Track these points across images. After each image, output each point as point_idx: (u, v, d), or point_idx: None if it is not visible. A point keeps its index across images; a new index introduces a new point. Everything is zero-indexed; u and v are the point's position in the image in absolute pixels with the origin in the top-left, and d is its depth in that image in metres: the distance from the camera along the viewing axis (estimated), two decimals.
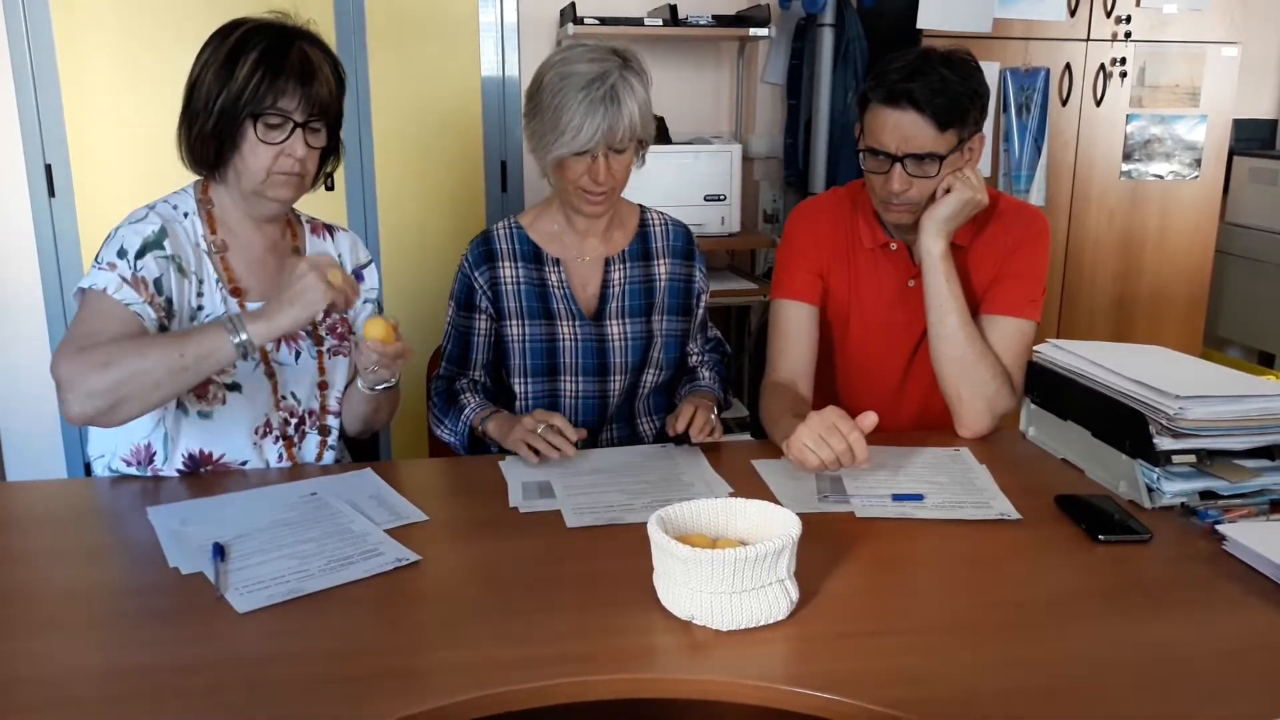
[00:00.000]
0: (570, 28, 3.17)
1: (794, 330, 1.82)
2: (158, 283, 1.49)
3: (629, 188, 1.77)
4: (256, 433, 1.61)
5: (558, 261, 1.81)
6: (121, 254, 1.48)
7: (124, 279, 1.46)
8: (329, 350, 1.68)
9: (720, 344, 1.96)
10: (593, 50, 1.66)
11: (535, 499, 1.48)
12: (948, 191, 1.68)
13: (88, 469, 1.66)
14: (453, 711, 0.98)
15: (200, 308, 1.55)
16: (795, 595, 1.14)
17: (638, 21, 3.22)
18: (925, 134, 1.63)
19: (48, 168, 3.13)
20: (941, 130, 1.63)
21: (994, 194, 1.81)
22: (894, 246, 1.81)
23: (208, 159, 1.52)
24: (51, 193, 3.15)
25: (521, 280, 1.80)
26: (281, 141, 1.48)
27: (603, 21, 3.19)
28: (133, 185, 3.23)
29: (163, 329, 1.50)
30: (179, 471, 1.57)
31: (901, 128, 1.63)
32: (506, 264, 1.80)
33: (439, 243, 3.39)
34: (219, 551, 1.26)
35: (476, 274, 1.80)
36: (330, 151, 1.59)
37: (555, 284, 1.80)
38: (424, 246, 3.39)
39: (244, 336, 1.37)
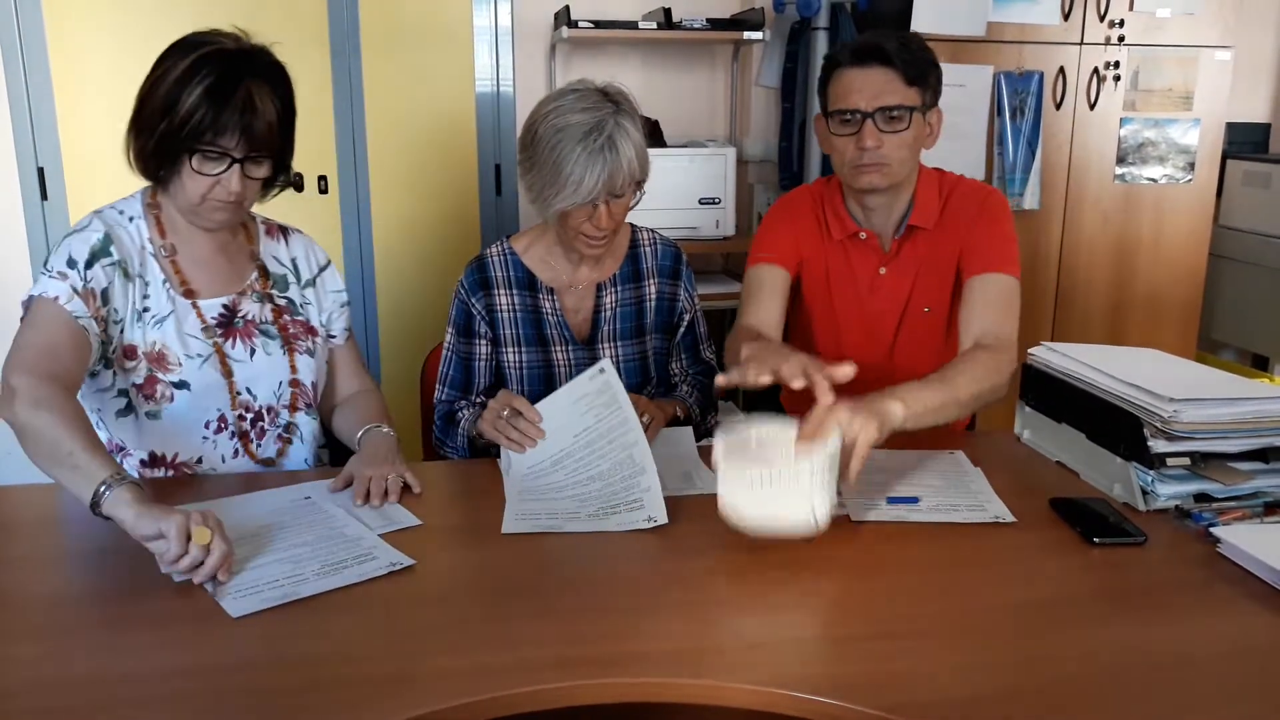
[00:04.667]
0: (565, 31, 3.17)
1: (766, 289, 1.84)
2: (105, 293, 1.52)
3: None
4: (207, 427, 1.61)
5: (551, 289, 1.82)
6: (71, 264, 1.50)
7: (75, 290, 1.48)
8: (303, 350, 1.68)
9: (712, 370, 1.94)
10: (582, 96, 1.64)
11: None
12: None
13: None
14: (448, 716, 0.98)
15: (146, 309, 1.57)
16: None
17: (632, 25, 3.22)
18: (895, 86, 1.71)
19: (40, 171, 3.12)
20: (909, 84, 1.71)
21: (950, 176, 1.89)
22: (863, 235, 1.86)
23: (149, 173, 1.55)
24: (44, 196, 3.14)
25: (517, 307, 1.81)
26: (218, 174, 1.48)
27: (597, 25, 3.19)
28: (125, 188, 3.22)
29: (103, 344, 1.52)
30: (138, 472, 1.58)
31: (871, 83, 1.71)
32: (501, 291, 1.81)
33: (433, 247, 3.39)
34: None
35: (473, 300, 1.81)
36: (277, 174, 1.58)
37: (549, 310, 1.82)
38: (418, 251, 3.38)
39: (104, 496, 1.21)
